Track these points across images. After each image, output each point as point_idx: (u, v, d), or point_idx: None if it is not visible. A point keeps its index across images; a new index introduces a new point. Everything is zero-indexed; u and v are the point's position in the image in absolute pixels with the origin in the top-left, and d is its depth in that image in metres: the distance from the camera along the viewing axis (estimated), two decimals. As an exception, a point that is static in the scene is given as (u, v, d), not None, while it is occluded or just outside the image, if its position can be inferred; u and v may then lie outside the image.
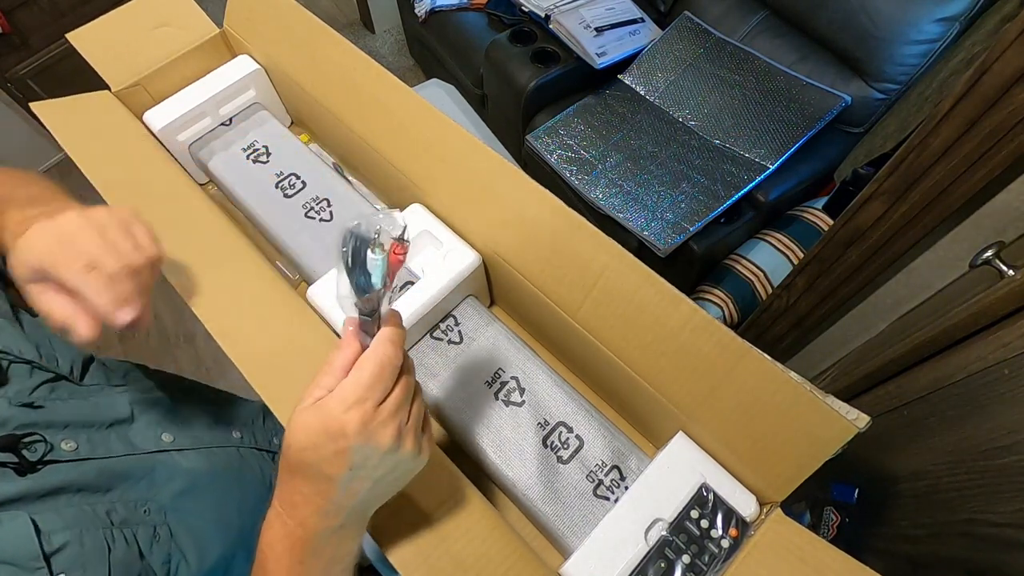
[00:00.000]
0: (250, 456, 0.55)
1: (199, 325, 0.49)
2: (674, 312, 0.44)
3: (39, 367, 0.41)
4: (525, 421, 0.50)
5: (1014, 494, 0.58)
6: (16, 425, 0.37)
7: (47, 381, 0.41)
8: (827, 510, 0.87)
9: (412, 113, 0.57)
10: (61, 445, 0.39)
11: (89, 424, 0.41)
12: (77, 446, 0.39)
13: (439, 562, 0.40)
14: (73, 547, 0.35)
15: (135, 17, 0.68)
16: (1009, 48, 0.53)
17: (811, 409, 0.40)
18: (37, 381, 0.40)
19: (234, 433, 0.55)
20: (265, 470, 0.56)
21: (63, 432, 0.39)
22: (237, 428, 0.56)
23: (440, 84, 1.23)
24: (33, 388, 0.40)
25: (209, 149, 0.67)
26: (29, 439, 0.37)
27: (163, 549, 0.41)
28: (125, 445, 0.43)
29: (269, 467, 0.57)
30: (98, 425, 0.42)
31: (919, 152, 0.67)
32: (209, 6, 0.71)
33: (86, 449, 0.40)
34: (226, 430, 0.54)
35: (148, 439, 0.45)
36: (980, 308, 0.63)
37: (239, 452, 0.54)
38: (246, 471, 0.54)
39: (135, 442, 0.44)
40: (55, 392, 0.41)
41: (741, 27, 1.45)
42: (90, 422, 0.41)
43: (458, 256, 0.53)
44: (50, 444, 0.38)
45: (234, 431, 0.55)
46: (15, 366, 0.39)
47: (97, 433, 0.42)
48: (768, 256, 1.28)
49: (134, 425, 0.45)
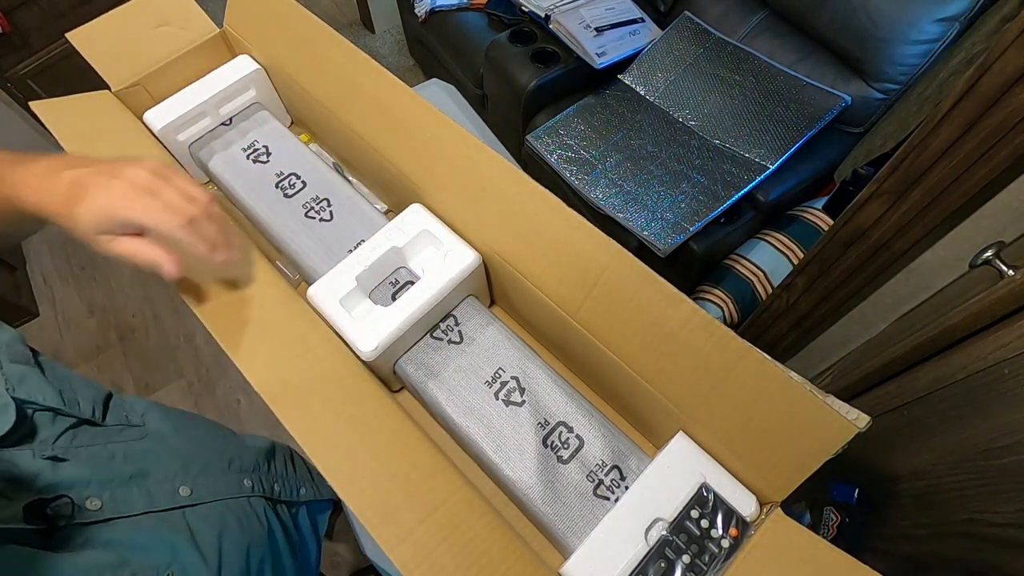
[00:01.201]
0: (257, 505, 0.56)
1: (199, 325, 0.50)
2: (674, 312, 0.44)
3: (62, 413, 0.41)
4: (525, 421, 0.50)
5: (1014, 494, 0.58)
6: (43, 485, 0.38)
7: (70, 427, 0.42)
8: (827, 510, 0.87)
9: (412, 113, 0.57)
10: (87, 504, 0.39)
11: (111, 479, 0.42)
12: (102, 504, 0.40)
13: (439, 562, 0.40)
14: None
15: (135, 17, 0.68)
16: (1009, 48, 0.53)
17: (811, 409, 0.40)
18: (60, 428, 0.41)
19: (245, 482, 0.56)
20: (269, 518, 0.57)
21: (87, 489, 0.40)
22: (248, 476, 0.57)
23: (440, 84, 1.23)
24: (57, 436, 0.41)
25: (209, 149, 0.67)
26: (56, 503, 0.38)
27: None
28: (145, 500, 0.44)
29: (272, 515, 0.58)
30: (119, 480, 0.43)
31: (919, 152, 0.67)
32: (209, 6, 0.71)
33: (110, 508, 0.41)
34: (238, 479, 0.55)
35: (166, 493, 0.46)
36: (980, 308, 0.63)
37: (249, 503, 0.55)
38: (253, 522, 0.54)
39: (155, 496, 0.45)
40: (77, 439, 0.42)
41: (741, 27, 1.45)
42: (111, 477, 0.42)
43: (458, 256, 0.53)
44: (77, 505, 0.39)
45: (245, 480, 0.56)
46: (39, 414, 0.40)
47: (119, 489, 0.43)
48: (768, 256, 1.28)
49: (152, 477, 0.45)
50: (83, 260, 1.82)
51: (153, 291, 1.77)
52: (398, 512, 0.42)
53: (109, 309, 1.75)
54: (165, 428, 0.51)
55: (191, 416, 0.59)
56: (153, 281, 1.79)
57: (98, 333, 1.71)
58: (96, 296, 1.77)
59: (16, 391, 0.38)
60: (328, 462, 0.43)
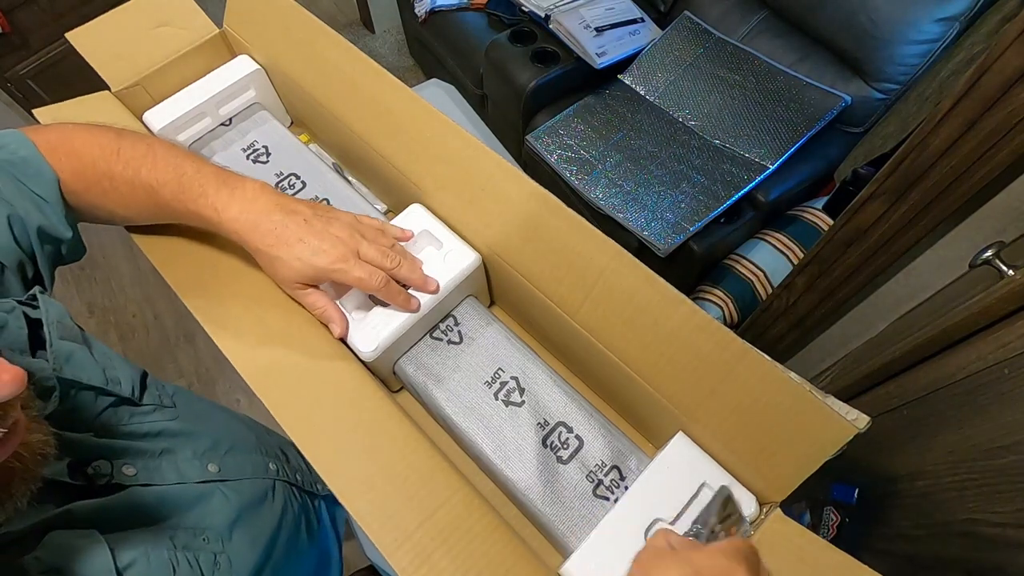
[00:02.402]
0: (281, 489, 0.57)
1: (199, 325, 0.49)
2: (674, 312, 0.44)
3: (104, 392, 0.42)
4: (525, 421, 0.50)
5: (1014, 494, 0.58)
6: (81, 451, 0.39)
7: (110, 406, 0.42)
8: (827, 510, 0.87)
9: (412, 113, 0.57)
10: (123, 470, 0.40)
11: (143, 452, 0.43)
12: (136, 472, 0.41)
13: (439, 564, 0.40)
14: (141, 564, 0.36)
15: (135, 17, 0.68)
16: (1009, 48, 0.53)
17: (811, 409, 0.40)
18: (101, 406, 0.42)
19: (271, 465, 0.56)
20: (292, 503, 0.58)
21: (123, 458, 0.41)
22: (272, 461, 0.58)
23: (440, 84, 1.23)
24: (97, 414, 0.41)
25: (209, 149, 0.67)
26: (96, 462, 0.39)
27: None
28: (176, 474, 0.45)
29: (295, 500, 0.59)
30: (151, 454, 0.44)
31: (919, 152, 0.67)
32: (209, 6, 0.71)
33: (144, 476, 0.42)
34: (264, 462, 0.56)
35: (196, 468, 0.46)
36: (980, 308, 0.63)
37: (274, 485, 0.56)
38: (279, 504, 0.55)
39: (184, 471, 0.45)
40: (116, 416, 0.43)
41: (741, 27, 1.45)
42: (144, 450, 0.43)
43: (458, 256, 0.53)
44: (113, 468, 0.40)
45: (271, 463, 0.57)
46: (82, 393, 0.40)
47: (151, 461, 0.43)
48: (768, 256, 1.28)
49: (181, 454, 0.46)
50: (83, 260, 1.81)
51: (153, 291, 1.77)
52: (397, 514, 0.42)
53: (109, 309, 1.75)
54: (194, 411, 0.51)
55: (213, 403, 0.60)
56: (153, 281, 1.79)
57: (98, 333, 1.71)
58: (96, 296, 1.77)
59: (63, 370, 0.39)
60: (326, 464, 0.43)
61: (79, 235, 0.49)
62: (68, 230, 0.46)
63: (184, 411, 0.49)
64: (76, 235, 0.48)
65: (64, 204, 0.45)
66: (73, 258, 0.50)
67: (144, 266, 1.81)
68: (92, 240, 1.84)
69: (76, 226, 0.48)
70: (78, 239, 0.48)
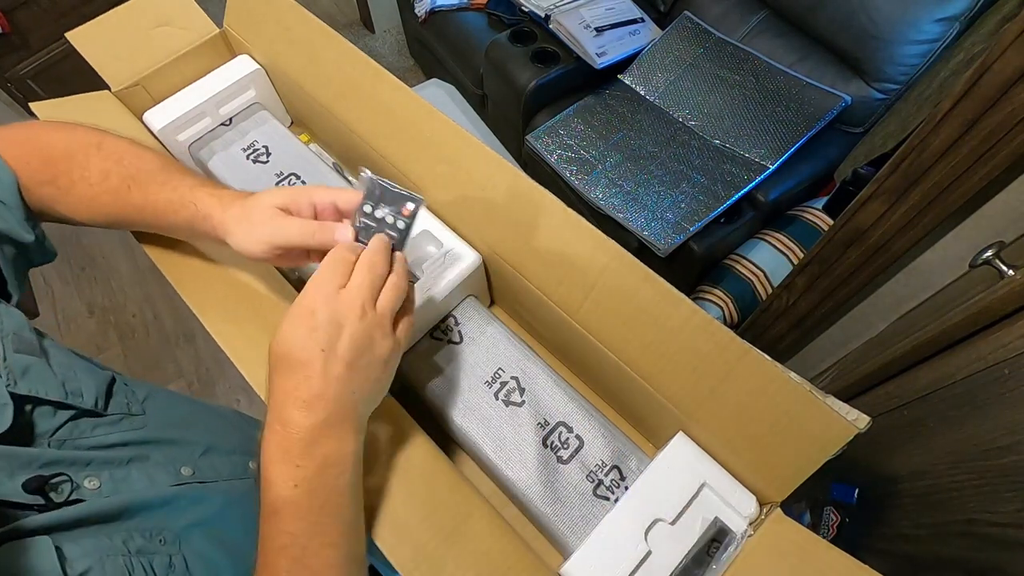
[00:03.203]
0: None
1: (199, 325, 0.49)
2: (674, 312, 0.44)
3: (64, 406, 0.40)
4: (525, 421, 0.50)
5: (1014, 494, 0.58)
6: (43, 463, 0.37)
7: (70, 419, 0.41)
8: (827, 510, 0.87)
9: (412, 113, 0.57)
10: (85, 483, 0.39)
11: (108, 462, 0.42)
12: (100, 484, 0.40)
13: (439, 562, 0.40)
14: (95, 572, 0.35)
15: (135, 17, 0.68)
16: (1009, 48, 0.53)
17: (811, 409, 0.40)
18: (61, 420, 0.40)
19: (251, 464, 0.55)
20: None
21: (86, 470, 0.40)
22: (254, 459, 0.56)
23: (440, 84, 1.23)
24: (55, 429, 0.40)
25: (209, 149, 0.67)
26: (56, 480, 0.37)
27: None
28: (146, 480, 0.43)
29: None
30: (117, 462, 0.42)
31: (919, 152, 0.67)
32: (209, 6, 0.71)
33: (108, 487, 0.40)
34: (243, 461, 0.54)
35: (168, 474, 0.45)
36: (980, 308, 0.63)
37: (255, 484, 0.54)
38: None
39: (155, 477, 0.44)
40: (77, 429, 0.41)
41: (741, 27, 1.45)
42: (110, 460, 0.42)
43: (458, 256, 0.53)
44: (75, 483, 0.38)
45: (251, 462, 0.55)
46: (39, 408, 0.39)
47: (118, 470, 0.42)
48: (768, 256, 1.28)
49: (152, 460, 0.45)
50: (83, 260, 1.82)
51: (153, 291, 1.77)
52: (397, 515, 0.42)
53: (109, 309, 1.75)
54: (167, 415, 0.49)
55: (194, 402, 0.58)
56: (153, 280, 1.79)
57: (98, 333, 1.71)
58: (96, 296, 1.77)
59: (17, 385, 0.37)
60: (328, 462, 0.43)
61: (43, 238, 0.47)
62: (29, 234, 0.45)
63: (156, 417, 0.48)
64: (40, 238, 0.46)
65: (24, 207, 0.44)
66: (42, 261, 0.49)
67: (144, 266, 1.81)
68: (92, 240, 1.85)
69: (38, 229, 0.46)
70: (41, 242, 0.47)
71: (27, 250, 0.46)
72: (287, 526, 0.35)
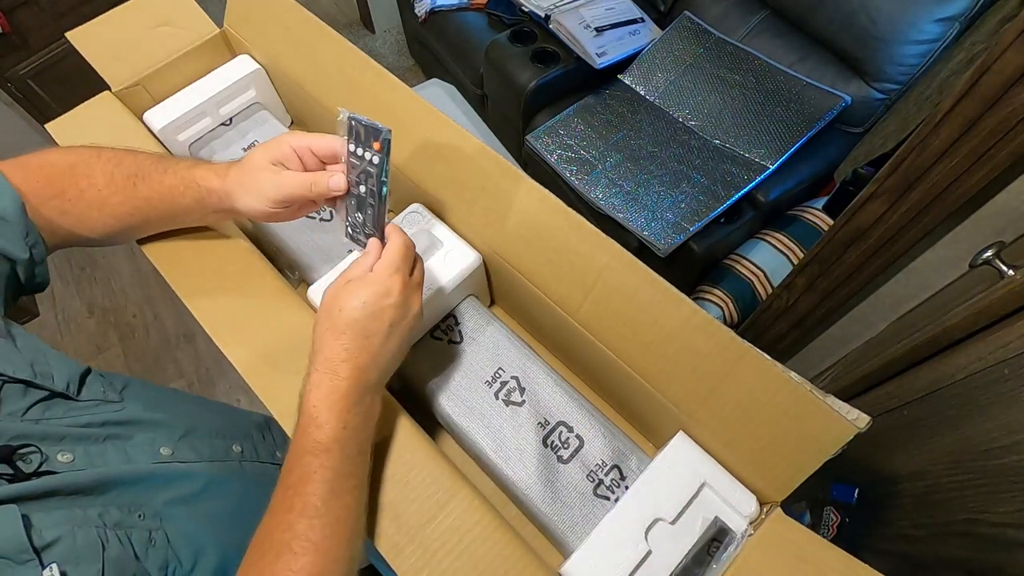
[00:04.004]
0: (251, 469, 0.55)
1: (199, 325, 0.49)
2: (674, 312, 0.44)
3: (34, 385, 0.41)
4: (525, 421, 0.50)
5: (1014, 494, 0.58)
6: (11, 436, 0.37)
7: (42, 400, 0.41)
8: (827, 510, 0.87)
9: (412, 113, 0.57)
10: (57, 457, 0.39)
11: (83, 438, 0.42)
12: (74, 458, 0.40)
13: (440, 563, 0.40)
14: (65, 542, 0.35)
15: (135, 17, 0.68)
16: (1009, 48, 0.53)
17: (811, 409, 0.40)
18: (31, 400, 0.40)
19: (234, 447, 0.55)
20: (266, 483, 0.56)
21: (59, 444, 0.40)
22: (238, 442, 0.56)
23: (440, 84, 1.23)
24: (27, 408, 0.40)
25: (209, 149, 0.67)
26: (24, 450, 0.37)
27: (160, 554, 0.41)
28: (122, 458, 0.43)
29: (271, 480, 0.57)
30: (93, 439, 0.42)
31: (919, 152, 0.67)
32: (209, 6, 0.71)
33: (83, 461, 0.40)
34: (225, 444, 0.54)
35: (146, 453, 0.45)
36: (980, 308, 0.63)
37: (240, 465, 0.54)
38: (247, 483, 0.53)
39: (132, 456, 0.44)
40: (49, 411, 0.41)
41: (741, 27, 1.45)
42: (85, 436, 0.42)
43: (458, 256, 0.53)
44: (45, 455, 0.38)
45: (234, 445, 0.55)
46: (8, 386, 0.39)
47: (94, 446, 0.42)
48: (768, 256, 1.28)
49: (131, 441, 0.45)
50: (83, 260, 1.82)
51: (153, 291, 1.77)
52: (398, 515, 0.42)
53: (109, 309, 1.75)
54: (145, 403, 0.49)
55: (175, 391, 0.58)
56: (153, 281, 1.79)
57: (98, 333, 1.71)
58: (96, 296, 1.77)
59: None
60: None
61: (41, 260, 0.47)
62: (24, 251, 0.45)
63: (134, 403, 0.48)
64: (34, 260, 0.46)
65: (25, 225, 0.45)
66: (32, 288, 0.49)
67: (144, 266, 1.81)
68: (92, 240, 1.85)
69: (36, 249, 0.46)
70: (34, 264, 0.47)
71: (21, 269, 0.46)
72: (332, 461, 0.38)
